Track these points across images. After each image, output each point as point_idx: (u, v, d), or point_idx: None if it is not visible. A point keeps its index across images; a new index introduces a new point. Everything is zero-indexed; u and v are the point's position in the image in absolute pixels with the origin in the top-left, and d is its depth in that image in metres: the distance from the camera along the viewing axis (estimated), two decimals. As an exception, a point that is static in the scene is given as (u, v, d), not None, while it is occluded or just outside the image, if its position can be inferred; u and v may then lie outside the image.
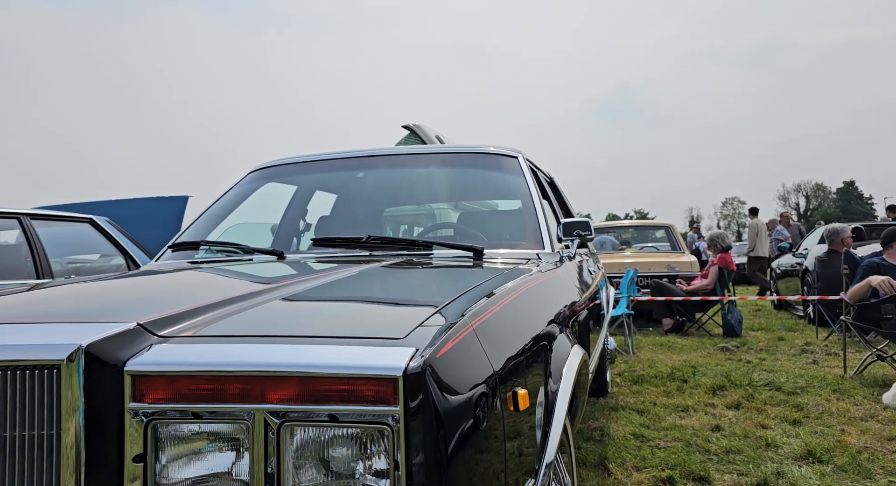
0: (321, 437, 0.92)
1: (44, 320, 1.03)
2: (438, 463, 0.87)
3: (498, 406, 1.03)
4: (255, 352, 0.95)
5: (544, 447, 1.27)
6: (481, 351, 1.06)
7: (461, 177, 2.78)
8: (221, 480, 0.94)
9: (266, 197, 3.02)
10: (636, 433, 3.01)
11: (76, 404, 0.90)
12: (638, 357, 5.09)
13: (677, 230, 8.69)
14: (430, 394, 0.87)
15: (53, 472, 0.90)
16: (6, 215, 3.72)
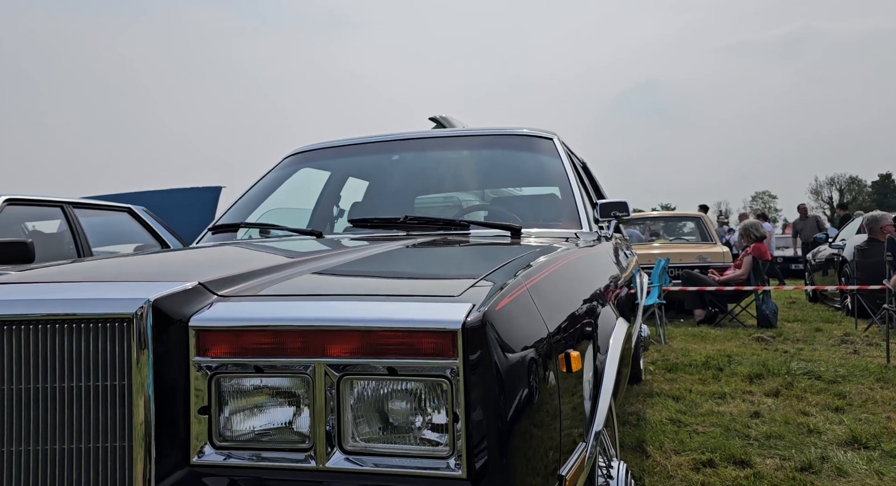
0: (380, 390, 0.93)
1: (113, 280, 1.06)
2: (497, 417, 0.87)
3: (552, 366, 1.03)
4: (314, 308, 0.97)
5: (593, 415, 1.27)
6: (535, 310, 1.06)
7: (496, 159, 2.77)
8: (282, 432, 0.96)
9: (300, 183, 3.05)
10: (673, 418, 2.98)
11: (145, 356, 0.93)
12: (670, 347, 5.03)
13: (709, 221, 8.53)
14: (488, 347, 0.88)
15: (126, 421, 0.92)
16: (50, 204, 3.84)
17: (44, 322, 0.93)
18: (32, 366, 0.93)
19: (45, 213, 3.97)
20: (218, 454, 0.95)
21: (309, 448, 0.93)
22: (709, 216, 9.57)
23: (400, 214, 2.30)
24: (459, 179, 3.02)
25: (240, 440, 0.96)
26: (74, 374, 0.93)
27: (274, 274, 1.21)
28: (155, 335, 0.94)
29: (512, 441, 0.88)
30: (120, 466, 0.92)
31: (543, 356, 1.00)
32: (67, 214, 3.91)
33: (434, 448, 0.90)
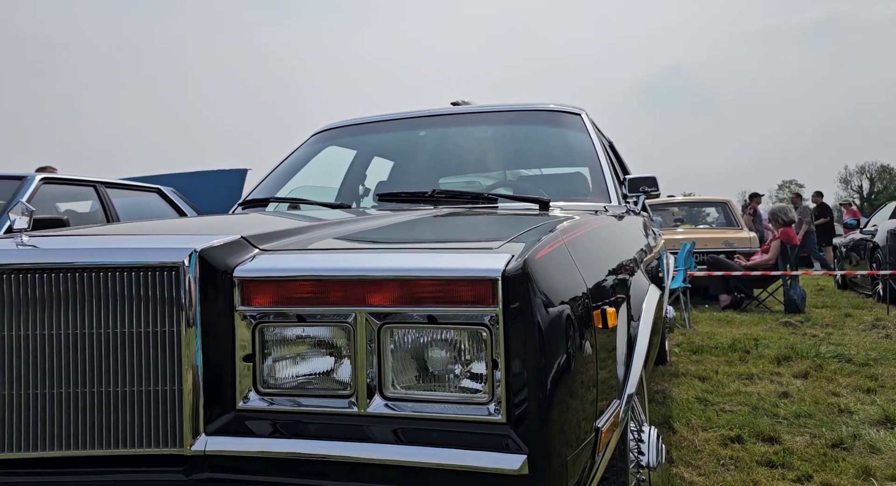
0: (420, 339, 0.95)
1: (162, 233, 1.09)
2: (537, 364, 0.88)
3: (589, 320, 1.04)
4: (355, 259, 0.99)
5: (626, 378, 1.27)
6: (573, 264, 1.06)
7: (523, 134, 2.76)
8: (324, 380, 0.98)
9: (327, 161, 3.07)
10: (699, 397, 2.97)
11: (192, 304, 0.96)
12: (695, 330, 4.99)
13: (735, 206, 8.40)
14: (528, 296, 0.89)
15: (175, 366, 0.96)
16: (84, 183, 3.94)
17: (98, 270, 0.96)
18: (87, 312, 0.96)
19: (79, 194, 4.07)
20: (262, 400, 0.98)
21: (350, 395, 0.95)
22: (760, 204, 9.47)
23: (427, 188, 2.31)
24: (485, 155, 3.01)
25: (283, 386, 0.98)
26: (127, 320, 0.96)
27: (312, 233, 1.23)
28: (201, 284, 0.97)
29: (551, 389, 0.89)
30: (171, 409, 0.95)
31: (581, 309, 1.01)
32: (100, 193, 4.00)
33: (473, 395, 0.92)
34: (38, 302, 0.96)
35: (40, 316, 0.96)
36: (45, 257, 0.97)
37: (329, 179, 3.30)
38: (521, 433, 0.87)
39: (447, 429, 0.90)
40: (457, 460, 0.86)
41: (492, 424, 0.89)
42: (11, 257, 0.97)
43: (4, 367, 0.95)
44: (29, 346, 0.95)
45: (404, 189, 2.69)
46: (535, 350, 0.88)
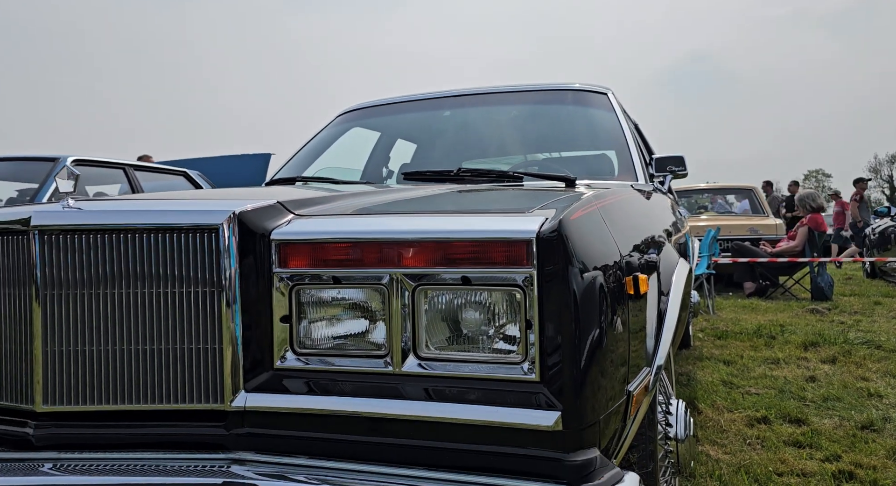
0: (454, 300, 0.96)
1: (201, 198, 1.12)
2: (571, 325, 0.89)
3: (622, 285, 1.04)
4: (390, 221, 1.00)
5: (656, 349, 1.27)
6: (606, 229, 1.07)
7: (548, 114, 2.74)
8: (359, 340, 1.00)
9: (351, 142, 3.08)
10: (724, 380, 2.94)
11: (231, 265, 0.98)
12: (719, 316, 4.93)
13: (761, 193, 8.24)
14: (562, 257, 0.89)
15: (216, 326, 0.98)
16: (114, 165, 4.02)
17: (141, 231, 0.99)
18: (131, 272, 0.99)
19: (109, 176, 4.15)
20: (298, 359, 1.00)
21: (384, 355, 0.97)
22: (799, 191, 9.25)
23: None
24: (510, 136, 2.99)
25: (318, 347, 1.00)
26: (170, 281, 0.99)
27: (344, 201, 1.25)
28: (239, 246, 0.99)
29: (584, 349, 0.89)
30: (212, 366, 0.98)
31: (614, 273, 1.01)
32: (129, 175, 4.08)
33: (506, 355, 0.93)
34: (84, 262, 0.99)
35: (87, 276, 0.99)
36: (90, 218, 1.00)
37: (353, 160, 3.31)
38: (554, 391, 0.87)
39: (481, 388, 0.92)
40: (491, 416, 0.88)
41: (525, 382, 0.90)
42: (58, 219, 1.00)
43: (55, 325, 0.98)
44: (77, 304, 0.99)
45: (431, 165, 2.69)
46: (570, 311, 0.89)
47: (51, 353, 0.99)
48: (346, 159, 3.26)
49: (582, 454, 0.85)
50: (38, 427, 0.98)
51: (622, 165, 2.34)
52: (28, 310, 0.99)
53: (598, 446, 0.89)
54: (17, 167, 3.75)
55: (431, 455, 0.90)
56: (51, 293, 0.99)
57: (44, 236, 0.99)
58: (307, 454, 0.95)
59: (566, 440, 0.85)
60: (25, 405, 0.99)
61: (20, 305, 1.00)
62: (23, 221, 1.00)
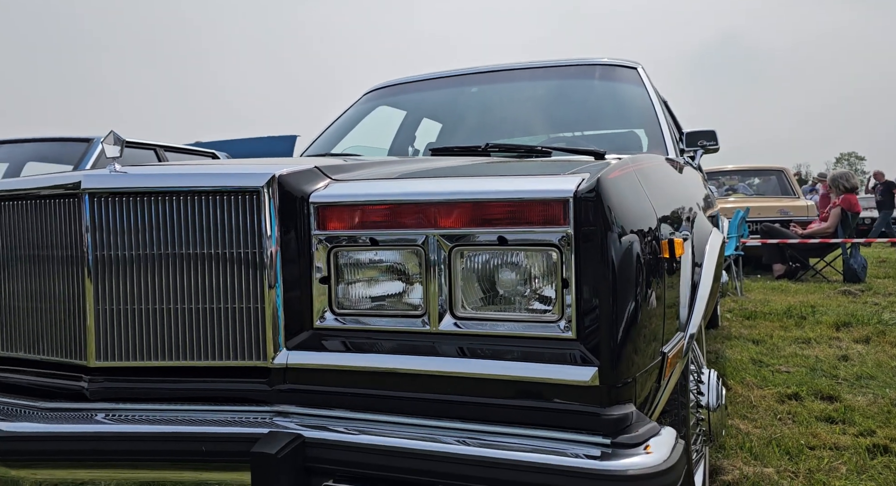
0: (490, 260, 0.97)
1: (242, 163, 1.15)
2: (607, 284, 0.89)
3: (658, 247, 1.04)
4: (427, 183, 1.01)
5: (689, 315, 1.27)
6: (643, 191, 1.06)
7: (578, 90, 2.72)
8: (396, 300, 1.02)
9: (378, 121, 3.09)
10: (754, 358, 2.92)
11: (272, 227, 1.01)
12: (748, 298, 4.87)
13: (791, 174, 8.06)
14: (600, 216, 0.89)
15: (257, 286, 1.01)
16: (145, 146, 4.10)
17: (185, 194, 1.02)
18: (176, 234, 1.02)
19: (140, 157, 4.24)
20: (337, 319, 1.03)
21: (421, 315, 0.99)
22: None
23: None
24: (536, 112, 2.97)
25: (357, 307, 1.03)
26: (212, 242, 1.02)
27: (379, 168, 1.26)
28: (280, 209, 1.01)
29: (621, 307, 0.90)
30: (255, 325, 1.01)
31: (651, 235, 1.01)
32: (159, 156, 4.17)
33: (542, 314, 0.94)
34: (131, 224, 1.03)
35: (134, 237, 1.03)
36: (136, 181, 1.03)
37: (379, 139, 3.33)
38: (591, 347, 0.88)
39: (516, 345, 0.93)
40: (529, 372, 0.89)
41: (561, 340, 0.91)
42: (106, 182, 1.03)
43: (105, 284, 1.02)
44: (125, 265, 1.02)
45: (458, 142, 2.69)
46: (607, 270, 0.89)
47: (102, 311, 1.03)
48: (372, 138, 3.27)
49: (618, 409, 0.86)
50: (92, 381, 1.02)
51: (652, 140, 2.32)
52: (80, 270, 1.03)
53: (634, 402, 0.90)
54: (53, 148, 3.85)
55: (468, 410, 0.92)
56: (101, 254, 1.03)
57: (93, 199, 1.03)
58: (345, 408, 0.98)
59: (602, 395, 0.86)
60: (79, 360, 1.03)
61: (72, 266, 1.04)
62: (74, 184, 1.04)
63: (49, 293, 1.07)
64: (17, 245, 1.11)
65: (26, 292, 1.09)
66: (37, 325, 1.08)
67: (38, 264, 1.08)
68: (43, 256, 1.08)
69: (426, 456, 0.83)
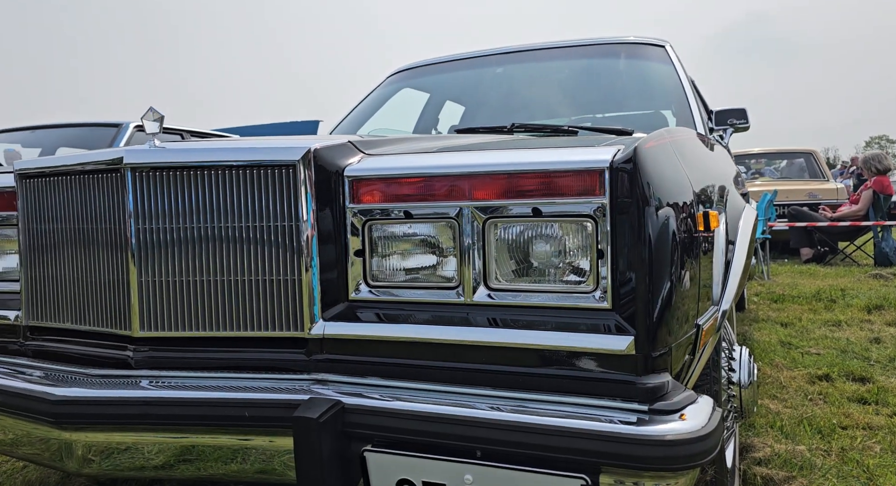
0: (525, 232, 0.97)
1: (278, 139, 1.16)
2: (643, 253, 0.89)
3: (693, 219, 1.03)
4: (461, 156, 1.02)
5: (723, 290, 1.26)
6: (679, 162, 1.05)
7: (605, 69, 2.68)
8: (430, 272, 1.03)
9: (401, 104, 3.09)
10: (783, 340, 2.88)
11: (308, 200, 1.02)
12: (775, 282, 4.80)
13: (821, 156, 7.87)
14: (636, 186, 0.89)
15: (294, 259, 1.03)
16: (171, 131, 4.16)
17: (223, 169, 1.04)
18: (215, 208, 1.04)
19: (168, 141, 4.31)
20: (371, 291, 1.04)
21: (455, 286, 1.00)
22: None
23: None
24: (562, 93, 2.94)
25: (391, 279, 1.04)
26: (250, 215, 1.04)
27: (410, 144, 1.27)
28: (315, 182, 1.03)
29: (656, 277, 0.90)
30: (292, 297, 1.03)
31: (687, 206, 1.00)
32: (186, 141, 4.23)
33: (576, 286, 0.94)
34: (171, 198, 1.05)
35: (175, 211, 1.05)
36: (175, 156, 1.06)
37: (403, 122, 3.33)
38: (626, 317, 0.89)
39: (551, 316, 0.94)
40: (564, 341, 0.90)
41: (596, 310, 0.91)
42: (147, 157, 1.06)
43: (148, 257, 1.05)
44: (167, 238, 1.05)
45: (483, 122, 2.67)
46: (643, 240, 0.89)
47: (145, 283, 1.06)
48: (395, 121, 3.27)
49: (654, 378, 0.86)
50: (136, 351, 1.05)
51: (681, 120, 2.28)
52: (123, 243, 1.06)
53: (670, 372, 0.90)
54: (83, 133, 3.93)
55: (501, 379, 0.93)
56: (143, 227, 1.05)
57: (135, 174, 1.05)
58: (380, 377, 0.99)
59: (638, 364, 0.87)
60: (124, 330, 1.06)
61: (116, 238, 1.07)
62: (116, 160, 1.06)
63: (94, 266, 1.10)
64: (63, 220, 1.14)
65: (72, 266, 1.13)
66: (83, 297, 1.12)
67: (83, 238, 1.12)
68: (87, 229, 1.11)
69: (466, 422, 0.84)
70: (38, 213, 1.17)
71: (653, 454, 0.74)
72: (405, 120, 3.31)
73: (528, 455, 0.82)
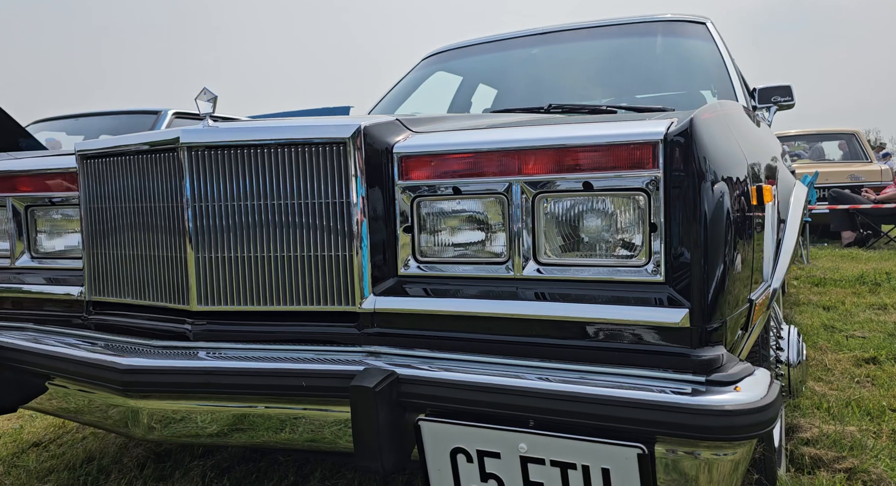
0: (575, 206, 0.97)
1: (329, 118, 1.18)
2: (698, 226, 0.88)
3: (747, 193, 1.02)
4: (509, 131, 1.02)
5: (774, 267, 1.24)
6: (732, 135, 1.04)
7: (644, 48, 2.63)
8: (479, 248, 1.04)
9: (434, 87, 3.08)
10: (826, 324, 2.82)
11: (358, 177, 1.04)
12: (815, 265, 4.68)
13: (864, 138, 7.59)
14: (692, 158, 0.88)
15: (345, 235, 1.05)
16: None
17: (275, 146, 1.06)
18: (268, 185, 1.07)
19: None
20: (420, 267, 1.06)
21: (504, 261, 1.00)
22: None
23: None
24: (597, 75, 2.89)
25: (440, 255, 1.05)
26: (302, 192, 1.06)
27: (455, 121, 1.27)
28: (365, 159, 1.04)
29: (711, 252, 0.89)
30: (343, 272, 1.05)
31: (741, 179, 0.99)
32: (222, 129, 4.30)
33: (627, 260, 0.94)
34: (226, 176, 1.08)
35: (229, 188, 1.08)
36: (229, 135, 1.08)
37: (436, 106, 3.32)
38: (681, 290, 0.88)
39: (601, 290, 0.94)
40: (617, 315, 0.90)
41: (648, 283, 0.91)
42: (202, 137, 1.08)
43: (204, 233, 1.08)
44: (222, 215, 1.08)
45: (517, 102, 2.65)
46: (698, 213, 0.88)
47: (202, 259, 1.09)
48: (429, 105, 3.27)
49: (709, 351, 0.86)
50: (194, 324, 1.09)
51: (723, 96, 2.24)
52: (180, 220, 1.10)
53: (724, 345, 0.90)
54: (123, 121, 4.03)
55: (549, 351, 0.94)
56: (199, 205, 1.09)
57: (191, 153, 1.08)
58: (430, 350, 1.01)
59: (693, 337, 0.86)
60: (182, 305, 1.10)
61: (173, 216, 1.11)
62: (173, 140, 1.09)
63: (152, 243, 1.14)
64: (122, 199, 1.18)
65: (131, 243, 1.17)
66: (142, 273, 1.16)
67: (141, 216, 1.15)
68: (145, 208, 1.15)
69: (521, 392, 0.85)
70: (98, 192, 1.21)
71: (713, 424, 0.74)
72: (438, 104, 3.30)
73: (583, 425, 0.83)
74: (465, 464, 0.89)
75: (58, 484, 1.50)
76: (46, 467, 1.60)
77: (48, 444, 1.76)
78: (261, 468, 1.56)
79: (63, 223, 1.32)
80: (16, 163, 1.32)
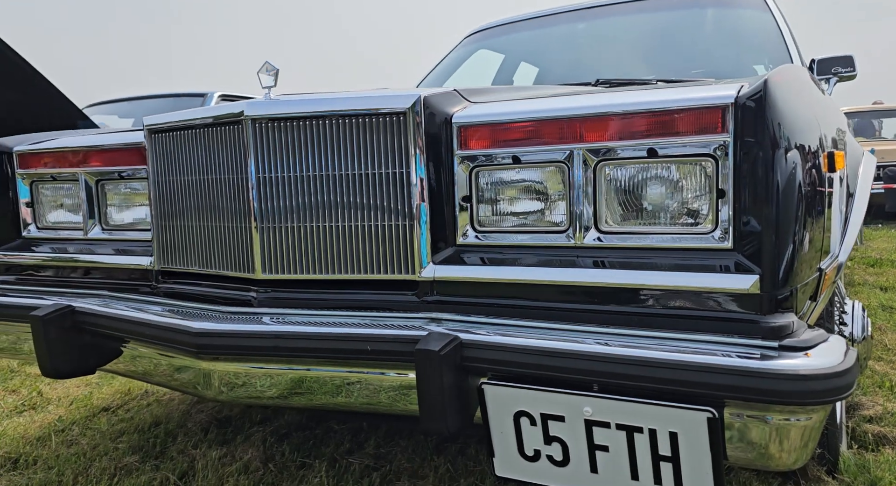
0: (638, 173, 0.96)
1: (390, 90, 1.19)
2: (769, 192, 0.86)
3: (819, 159, 0.99)
4: (570, 99, 1.01)
5: (842, 240, 1.20)
6: (804, 99, 1.00)
7: (695, 20, 2.55)
8: (538, 217, 1.04)
9: (477, 66, 3.06)
10: (884, 304, 2.72)
11: (418, 147, 1.05)
12: (869, 246, 4.50)
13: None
14: (764, 122, 0.86)
15: (405, 204, 1.06)
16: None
17: (337, 117, 1.08)
18: (330, 156, 1.09)
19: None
20: (478, 236, 1.06)
21: (565, 230, 1.00)
22: None
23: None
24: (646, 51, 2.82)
25: (498, 224, 1.06)
26: (363, 163, 1.07)
27: (511, 92, 1.26)
28: (425, 129, 1.05)
29: (782, 218, 0.87)
30: (403, 241, 1.07)
31: (813, 144, 0.96)
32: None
33: (693, 227, 0.93)
34: (289, 148, 1.10)
35: (292, 160, 1.10)
36: (291, 107, 1.10)
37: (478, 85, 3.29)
38: (750, 256, 0.87)
39: (664, 257, 0.93)
40: (685, 281, 0.89)
41: (717, 250, 0.90)
42: (265, 109, 1.11)
43: (268, 204, 1.11)
44: (285, 186, 1.11)
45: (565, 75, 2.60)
46: (770, 179, 0.86)
47: (266, 229, 1.12)
48: (471, 83, 3.25)
49: (780, 317, 0.85)
50: (259, 292, 1.13)
51: (780, 66, 2.15)
52: (245, 192, 1.13)
53: (795, 312, 0.88)
54: (170, 104, 4.13)
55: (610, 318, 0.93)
56: (262, 176, 1.11)
57: (255, 125, 1.11)
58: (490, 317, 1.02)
59: (763, 303, 0.85)
60: (248, 273, 1.14)
61: (238, 187, 1.14)
62: (237, 113, 1.12)
63: (218, 215, 1.18)
64: (188, 172, 1.22)
65: (198, 215, 1.21)
66: (209, 243, 1.20)
67: (207, 188, 1.19)
68: (211, 180, 1.18)
69: (586, 357, 0.86)
70: (165, 165, 1.25)
71: (790, 388, 0.73)
72: (480, 82, 3.28)
73: (649, 389, 0.83)
74: (529, 427, 0.90)
75: (130, 445, 1.58)
76: (117, 429, 1.69)
77: (116, 409, 1.85)
78: (317, 435, 1.61)
79: (132, 197, 1.38)
80: (87, 138, 1.38)
